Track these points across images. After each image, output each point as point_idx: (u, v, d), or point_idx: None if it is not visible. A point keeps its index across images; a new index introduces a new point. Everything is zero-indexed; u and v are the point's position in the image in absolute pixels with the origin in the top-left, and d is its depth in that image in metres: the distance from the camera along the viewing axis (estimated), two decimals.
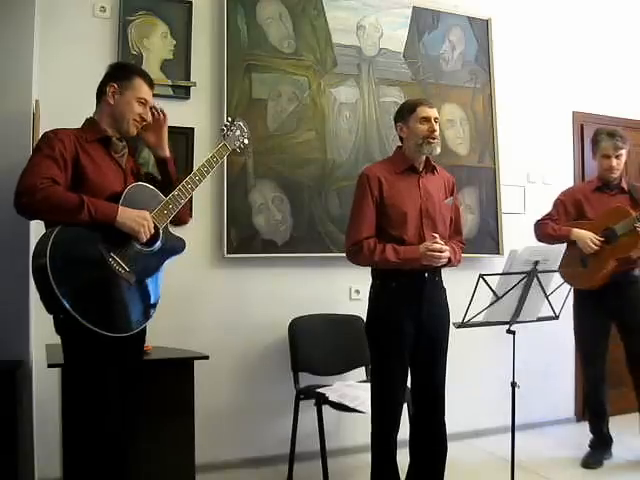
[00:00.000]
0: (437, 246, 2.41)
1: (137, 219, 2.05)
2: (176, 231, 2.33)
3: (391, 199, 2.52)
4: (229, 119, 2.53)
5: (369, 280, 2.60)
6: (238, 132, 2.49)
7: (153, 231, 2.10)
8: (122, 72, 2.25)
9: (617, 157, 3.29)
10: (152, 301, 2.17)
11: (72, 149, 2.07)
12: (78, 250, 1.98)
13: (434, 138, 2.52)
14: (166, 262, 2.24)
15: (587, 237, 3.22)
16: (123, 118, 2.19)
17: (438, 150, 2.56)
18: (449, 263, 2.52)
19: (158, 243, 2.16)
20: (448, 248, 2.47)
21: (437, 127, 2.55)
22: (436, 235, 2.44)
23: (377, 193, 2.53)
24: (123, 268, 2.04)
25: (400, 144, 2.65)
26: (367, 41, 3.71)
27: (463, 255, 2.72)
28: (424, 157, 2.59)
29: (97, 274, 2.00)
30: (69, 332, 2.03)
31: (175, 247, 2.26)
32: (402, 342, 2.49)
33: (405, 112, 2.58)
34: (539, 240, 3.40)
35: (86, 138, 2.14)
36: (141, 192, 2.16)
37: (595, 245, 3.20)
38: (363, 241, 2.49)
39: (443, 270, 2.59)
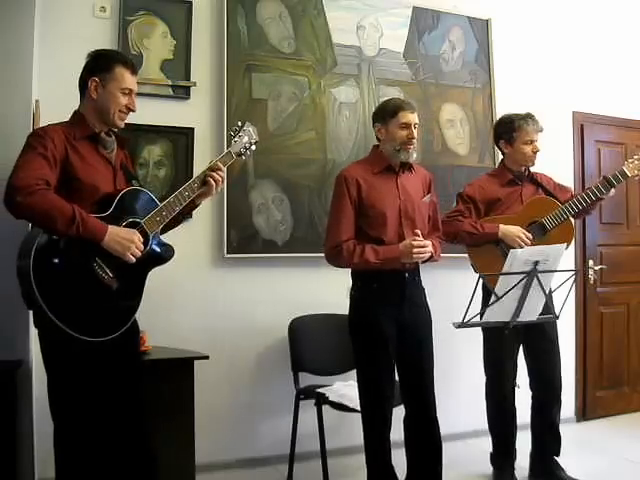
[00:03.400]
0: (420, 242, 2.41)
1: (123, 242, 1.99)
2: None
3: (370, 200, 2.51)
4: (239, 123, 2.44)
5: None
6: (246, 138, 2.41)
7: (141, 252, 2.04)
8: (102, 63, 2.12)
9: (536, 141, 3.07)
10: (132, 307, 2.11)
11: (62, 148, 2.03)
12: (62, 253, 1.94)
13: (412, 145, 2.51)
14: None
15: (518, 233, 2.84)
16: (108, 111, 2.11)
17: (414, 157, 2.56)
18: (431, 258, 2.52)
19: (147, 250, 2.10)
20: (430, 243, 2.47)
21: (416, 134, 2.53)
22: (418, 231, 2.44)
23: (355, 194, 2.51)
24: (107, 274, 2.01)
25: (377, 143, 2.64)
26: (367, 41, 3.71)
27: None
28: None
29: (79, 278, 1.96)
30: (45, 328, 1.99)
31: (162, 255, 2.20)
32: (385, 342, 2.48)
33: (386, 115, 2.55)
34: (450, 240, 2.94)
35: (74, 135, 2.08)
36: (135, 197, 2.13)
37: (527, 243, 2.81)
38: (342, 243, 2.48)
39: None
